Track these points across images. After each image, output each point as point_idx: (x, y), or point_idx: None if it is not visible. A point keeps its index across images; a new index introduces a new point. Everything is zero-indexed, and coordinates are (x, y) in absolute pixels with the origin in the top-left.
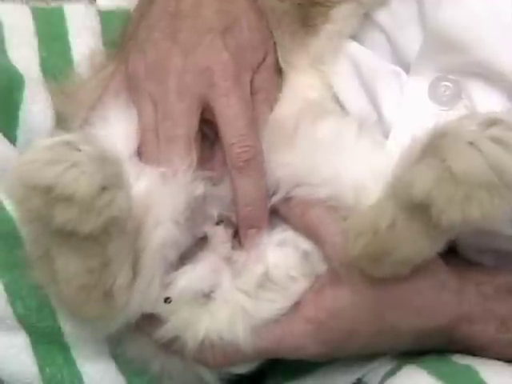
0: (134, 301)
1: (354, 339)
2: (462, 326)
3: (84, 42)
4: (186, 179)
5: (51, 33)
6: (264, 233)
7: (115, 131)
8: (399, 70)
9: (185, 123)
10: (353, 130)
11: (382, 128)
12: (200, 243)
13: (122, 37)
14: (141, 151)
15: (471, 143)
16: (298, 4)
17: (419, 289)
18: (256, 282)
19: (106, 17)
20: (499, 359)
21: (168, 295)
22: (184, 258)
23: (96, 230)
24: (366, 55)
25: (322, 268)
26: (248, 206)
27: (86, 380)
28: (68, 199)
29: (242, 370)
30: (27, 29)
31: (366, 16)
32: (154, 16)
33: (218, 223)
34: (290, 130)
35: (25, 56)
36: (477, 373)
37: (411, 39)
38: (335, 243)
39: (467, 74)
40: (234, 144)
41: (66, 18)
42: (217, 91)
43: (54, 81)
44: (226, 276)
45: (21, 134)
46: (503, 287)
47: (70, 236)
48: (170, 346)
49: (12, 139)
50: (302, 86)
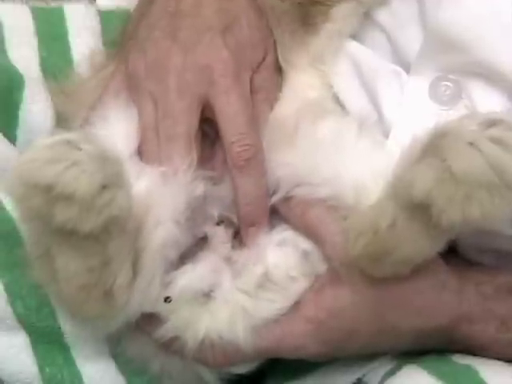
0: (134, 300)
1: (354, 339)
2: (462, 325)
3: (84, 41)
4: (187, 179)
5: (51, 33)
6: (264, 232)
7: (115, 131)
8: (399, 69)
9: (185, 121)
10: (353, 130)
11: (383, 128)
12: (200, 243)
13: (121, 36)
14: (141, 150)
15: (471, 143)
16: (298, 3)
17: (419, 288)
18: (256, 282)
19: (105, 17)
20: (499, 359)
21: (168, 294)
22: (184, 257)
23: (96, 229)
24: (366, 55)
25: (321, 268)
26: (249, 204)
27: (85, 380)
28: (68, 198)
29: (242, 369)
30: (27, 29)
31: (367, 15)
32: (154, 15)
33: (219, 223)
34: (290, 130)
35: (25, 56)
36: (477, 372)
37: (412, 39)
38: (335, 243)
39: (467, 74)
40: (234, 143)
41: (65, 17)
42: (217, 89)
43: (54, 81)
44: (226, 276)
45: (21, 133)
46: (503, 287)
47: (71, 235)
48: (169, 345)
49: (12, 139)
50: (301, 86)
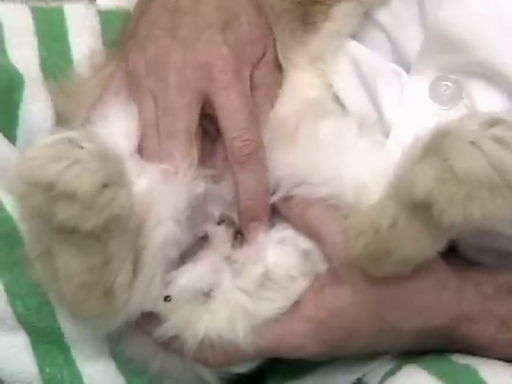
0: (135, 299)
1: (355, 338)
2: (462, 325)
3: (84, 41)
4: (187, 177)
5: (51, 33)
6: (265, 229)
7: (116, 129)
8: (400, 69)
9: (185, 118)
10: (353, 130)
11: (383, 127)
12: (201, 242)
13: (121, 36)
14: (141, 148)
15: (473, 143)
16: (298, 2)
17: (420, 288)
18: (256, 282)
19: (105, 17)
20: (499, 359)
21: (168, 294)
22: (185, 256)
23: (97, 228)
24: (366, 54)
25: (322, 267)
26: (249, 199)
27: (85, 380)
28: (70, 196)
29: (242, 369)
30: (27, 29)
31: (367, 15)
32: (153, 13)
33: (220, 223)
34: (290, 129)
35: (25, 56)
36: (476, 372)
37: (412, 39)
38: (335, 242)
39: (468, 74)
40: (234, 138)
41: (65, 17)
42: (217, 85)
43: (54, 80)
44: (226, 275)
45: (21, 133)
46: (503, 287)
47: (72, 233)
48: (169, 344)
49: (12, 139)
50: (301, 85)
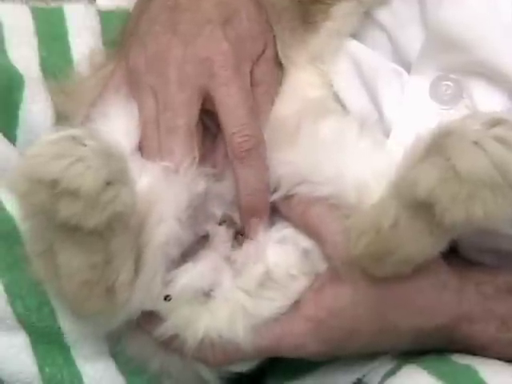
0: (136, 297)
1: (355, 338)
2: (463, 325)
3: (84, 41)
4: (188, 175)
5: (51, 33)
6: (265, 226)
7: (116, 127)
8: (400, 69)
9: (185, 113)
10: (354, 129)
11: (383, 127)
12: (202, 241)
13: (121, 35)
14: (142, 145)
15: (476, 142)
16: (298, 1)
17: (420, 288)
18: (256, 281)
19: (105, 17)
20: (499, 359)
21: (168, 293)
22: (185, 255)
23: (100, 225)
24: (366, 54)
25: (322, 266)
26: (250, 194)
27: (85, 380)
28: (73, 194)
29: (242, 368)
30: (27, 29)
31: (367, 15)
32: (153, 11)
33: (221, 223)
34: (291, 129)
35: (25, 56)
36: (476, 372)
37: (412, 38)
38: (336, 242)
39: (468, 74)
40: (234, 134)
41: (65, 17)
42: (217, 81)
43: (54, 80)
44: (226, 275)
45: (21, 133)
46: (503, 287)
47: (74, 231)
48: (169, 344)
49: (12, 139)
50: (302, 84)
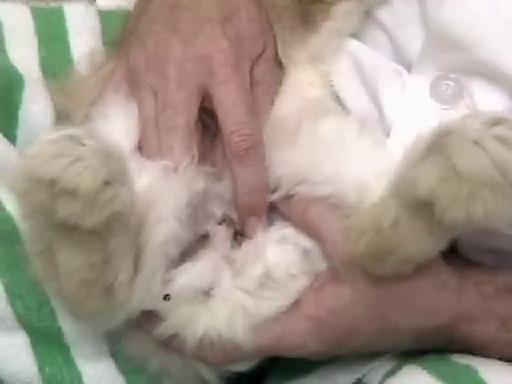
0: (135, 297)
1: (355, 338)
2: (463, 325)
3: (84, 41)
4: (188, 174)
5: (51, 33)
6: (264, 225)
7: (116, 127)
8: (400, 68)
9: (185, 111)
10: (354, 129)
11: (383, 126)
12: (201, 241)
13: (121, 35)
14: (142, 144)
15: (476, 142)
16: (299, 0)
17: (420, 287)
18: (256, 281)
19: (105, 17)
20: (499, 359)
21: (167, 292)
22: (185, 255)
23: (99, 225)
24: (367, 53)
25: (322, 266)
26: (247, 193)
27: (85, 380)
28: (72, 193)
29: (242, 368)
30: (27, 29)
31: (368, 14)
32: (154, 10)
33: (220, 223)
34: (291, 128)
35: (25, 56)
36: (476, 372)
37: (413, 38)
38: (336, 242)
39: (469, 73)
40: (233, 132)
41: (65, 17)
42: (216, 79)
43: (54, 80)
44: (225, 274)
45: (21, 133)
46: (503, 287)
47: (73, 230)
48: (169, 343)
49: (12, 139)
50: (302, 84)
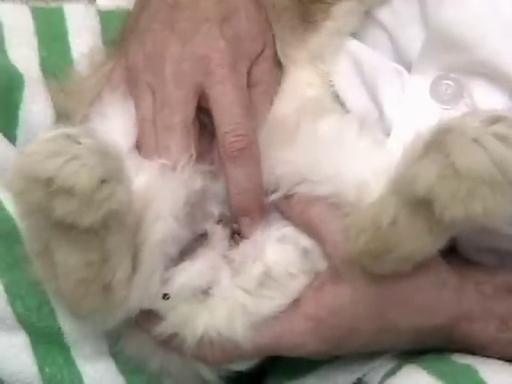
0: (134, 296)
1: (355, 337)
2: (462, 324)
3: (84, 41)
4: (185, 173)
5: (51, 33)
6: (261, 225)
7: (114, 126)
8: (401, 68)
9: (182, 110)
10: (354, 128)
11: (383, 126)
12: (200, 239)
13: (121, 34)
14: (139, 143)
15: (475, 139)
16: (299, 0)
17: (420, 287)
18: (256, 280)
19: (105, 17)
20: (499, 358)
21: (166, 291)
22: (184, 254)
23: (96, 224)
24: (367, 53)
25: (322, 265)
26: (240, 194)
27: (85, 380)
28: (68, 192)
29: (242, 367)
30: (27, 29)
31: (368, 14)
32: (153, 8)
33: (218, 222)
34: (290, 128)
35: (25, 56)
36: (476, 372)
37: (413, 38)
38: (336, 241)
39: (469, 73)
40: (227, 133)
41: (65, 17)
42: (213, 79)
43: (54, 80)
44: (224, 273)
45: (20, 133)
46: (503, 286)
47: (70, 229)
48: (168, 342)
49: (12, 139)
50: (301, 84)
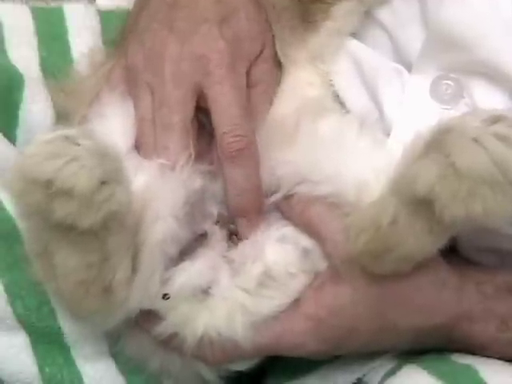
0: (134, 296)
1: (354, 337)
2: (463, 324)
3: (84, 41)
4: (185, 173)
5: (51, 32)
6: (259, 225)
7: (113, 126)
8: (401, 67)
9: (180, 110)
10: (354, 128)
11: (384, 126)
12: (200, 239)
13: (121, 34)
14: (139, 142)
15: (476, 139)
16: (299, 0)
17: (420, 286)
18: (256, 280)
19: (105, 16)
20: (499, 358)
21: (166, 292)
22: (183, 253)
23: (95, 225)
24: (367, 53)
25: (322, 265)
26: (239, 195)
27: (85, 380)
28: (67, 193)
29: (242, 366)
30: (27, 29)
31: (368, 14)
32: (152, 8)
33: (217, 223)
34: (290, 128)
35: (25, 56)
36: (476, 372)
37: (413, 37)
38: (336, 241)
39: (469, 73)
40: (226, 133)
41: (65, 17)
42: (211, 79)
43: (54, 80)
44: (224, 273)
45: (20, 133)
46: (503, 286)
47: (70, 230)
48: (168, 342)
49: (12, 139)
50: (301, 83)
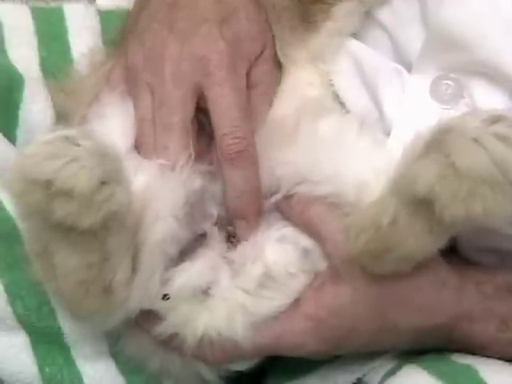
0: (134, 296)
1: (354, 337)
2: (463, 324)
3: (84, 41)
4: (184, 173)
5: (51, 32)
6: (258, 227)
7: (113, 126)
8: (401, 68)
9: (180, 110)
10: (354, 128)
11: (384, 126)
12: (200, 240)
13: (121, 34)
14: (139, 142)
15: (476, 139)
16: (299, 0)
17: (420, 286)
18: (255, 280)
19: (105, 16)
20: (499, 358)
21: (166, 292)
22: (183, 254)
23: (95, 225)
24: (367, 53)
25: (322, 265)
26: (238, 197)
27: (85, 380)
28: (67, 194)
29: (242, 366)
30: (27, 29)
31: (368, 14)
32: (152, 8)
33: (216, 224)
34: (290, 128)
35: (25, 56)
36: (476, 372)
37: (413, 38)
38: (336, 241)
39: (469, 73)
40: (225, 135)
41: (65, 17)
42: (211, 80)
43: (54, 80)
44: (224, 273)
45: (20, 133)
46: (503, 286)
47: (69, 231)
48: (168, 342)
49: (12, 139)
50: (301, 83)
